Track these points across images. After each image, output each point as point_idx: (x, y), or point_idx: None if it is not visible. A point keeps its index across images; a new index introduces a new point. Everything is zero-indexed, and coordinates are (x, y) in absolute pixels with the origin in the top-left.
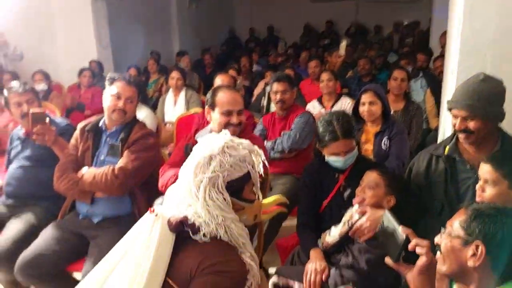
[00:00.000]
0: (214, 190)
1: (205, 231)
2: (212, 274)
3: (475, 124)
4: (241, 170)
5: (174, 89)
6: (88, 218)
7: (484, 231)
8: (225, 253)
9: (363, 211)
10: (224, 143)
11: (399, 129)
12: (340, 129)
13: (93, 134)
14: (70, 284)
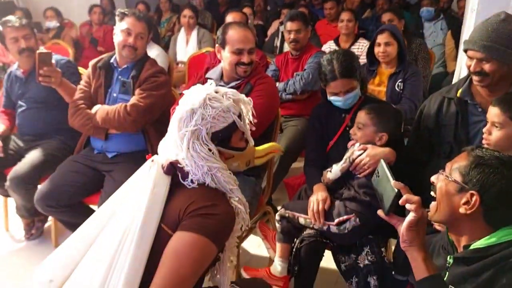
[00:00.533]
0: (198, 143)
1: (192, 178)
2: (198, 217)
3: (490, 66)
4: (225, 121)
5: (186, 28)
6: (102, 153)
7: (482, 181)
8: (212, 198)
9: (363, 148)
10: (205, 96)
11: (414, 71)
12: (339, 68)
13: (105, 71)
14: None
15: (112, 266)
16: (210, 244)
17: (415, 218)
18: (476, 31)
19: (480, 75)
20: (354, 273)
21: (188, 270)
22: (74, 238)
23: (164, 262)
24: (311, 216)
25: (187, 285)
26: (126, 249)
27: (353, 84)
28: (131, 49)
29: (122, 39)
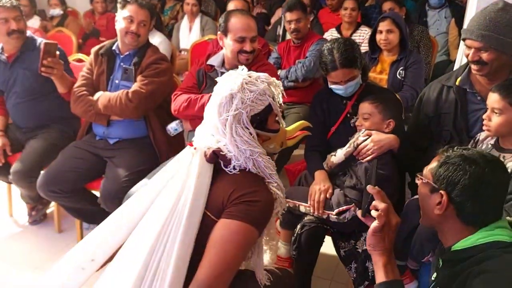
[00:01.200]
0: (239, 126)
1: (235, 164)
2: (241, 204)
3: (488, 55)
4: (262, 103)
5: (189, 15)
6: (104, 139)
7: (447, 179)
8: (254, 184)
9: (368, 134)
10: (242, 80)
11: (415, 58)
12: (339, 58)
13: (107, 58)
14: (89, 200)
15: (155, 250)
16: (253, 230)
17: (379, 225)
18: (474, 20)
19: (479, 64)
20: (353, 259)
21: (233, 256)
22: (115, 219)
23: (211, 249)
24: (312, 206)
25: (232, 270)
26: (173, 235)
27: (354, 73)
28: (134, 36)
29: (124, 26)
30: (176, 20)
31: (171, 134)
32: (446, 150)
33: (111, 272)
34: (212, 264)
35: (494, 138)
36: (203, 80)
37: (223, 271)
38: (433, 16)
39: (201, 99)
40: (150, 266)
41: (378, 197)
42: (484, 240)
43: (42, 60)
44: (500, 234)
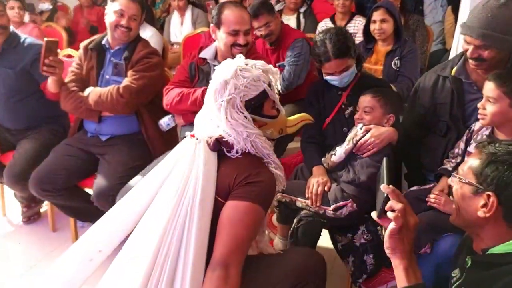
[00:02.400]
0: (234, 111)
1: (237, 148)
2: (247, 185)
3: (489, 53)
4: (256, 89)
5: (178, 9)
6: (96, 136)
7: (497, 180)
8: (255, 165)
9: (367, 129)
10: (236, 67)
11: (411, 48)
12: (332, 49)
13: (97, 52)
14: (82, 198)
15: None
16: (260, 209)
17: (397, 227)
18: (475, 15)
19: (478, 60)
20: (350, 252)
21: (244, 235)
22: (121, 209)
23: (223, 230)
24: (310, 198)
25: (245, 248)
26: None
27: (348, 63)
28: (124, 30)
29: (114, 20)
30: (168, 13)
31: (163, 129)
32: (485, 146)
33: (121, 262)
34: (225, 243)
35: (489, 129)
36: (196, 73)
37: (236, 248)
38: (430, 5)
39: (193, 93)
40: (160, 253)
41: (393, 197)
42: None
43: (44, 59)
44: None
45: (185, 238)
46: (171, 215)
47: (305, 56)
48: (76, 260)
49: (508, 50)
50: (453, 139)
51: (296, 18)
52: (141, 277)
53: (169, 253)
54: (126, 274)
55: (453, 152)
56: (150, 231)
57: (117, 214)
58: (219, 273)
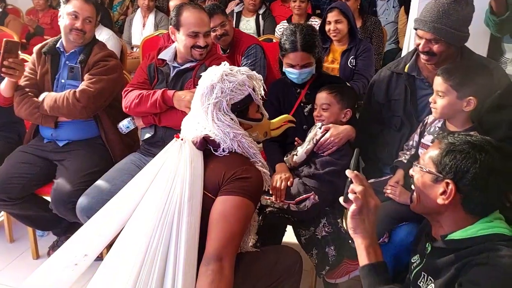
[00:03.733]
0: (220, 113)
1: (223, 147)
2: (236, 181)
3: (439, 47)
4: (242, 93)
5: (143, 10)
6: (53, 142)
7: (455, 168)
8: (243, 162)
9: (326, 128)
10: (222, 72)
11: (365, 47)
12: (301, 40)
13: (51, 56)
14: (40, 207)
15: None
16: (250, 203)
17: (357, 208)
18: (428, 10)
19: (428, 54)
20: (313, 245)
21: (236, 228)
22: (107, 212)
23: (215, 224)
24: (273, 194)
25: (237, 242)
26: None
27: (310, 59)
28: (79, 33)
29: (68, 23)
30: (126, 16)
31: (122, 132)
32: (444, 136)
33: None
34: (218, 237)
35: (441, 121)
36: (155, 75)
37: (229, 242)
38: (382, 6)
39: (153, 95)
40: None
41: (356, 180)
42: (485, 232)
43: (3, 60)
44: (500, 227)
45: (175, 235)
46: (158, 214)
47: (261, 62)
48: (61, 265)
49: (457, 45)
50: (407, 134)
51: (255, 19)
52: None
53: (157, 252)
54: (115, 275)
55: (407, 145)
56: (138, 232)
57: (103, 217)
58: (213, 267)
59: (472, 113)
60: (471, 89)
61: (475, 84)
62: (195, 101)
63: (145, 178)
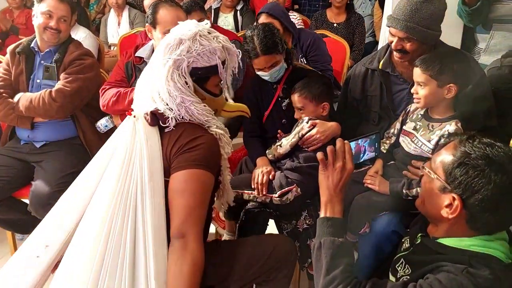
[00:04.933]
0: (176, 72)
1: (171, 117)
2: (183, 153)
3: (411, 45)
4: (208, 61)
5: (115, 8)
6: (30, 143)
7: (465, 185)
8: (191, 132)
9: (313, 124)
10: (197, 30)
11: (308, 39)
12: (260, 45)
13: (25, 56)
14: (18, 210)
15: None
16: (204, 172)
17: (321, 163)
18: (400, 9)
19: (401, 52)
20: (295, 238)
21: (192, 202)
22: (65, 201)
23: (173, 203)
24: (256, 188)
25: (197, 215)
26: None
27: (276, 58)
28: (54, 32)
29: (42, 22)
30: (103, 14)
31: (101, 131)
32: (462, 141)
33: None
34: (176, 215)
35: (424, 109)
36: (132, 73)
37: (187, 217)
38: None
39: (131, 93)
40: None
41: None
42: (478, 249)
43: None
44: (497, 249)
45: (141, 217)
46: (118, 198)
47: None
48: (23, 258)
49: (430, 43)
50: (386, 127)
51: (233, 15)
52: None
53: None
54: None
55: (388, 132)
56: (97, 219)
57: (62, 207)
58: (177, 245)
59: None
60: (450, 76)
61: (453, 71)
62: (157, 51)
63: (101, 161)
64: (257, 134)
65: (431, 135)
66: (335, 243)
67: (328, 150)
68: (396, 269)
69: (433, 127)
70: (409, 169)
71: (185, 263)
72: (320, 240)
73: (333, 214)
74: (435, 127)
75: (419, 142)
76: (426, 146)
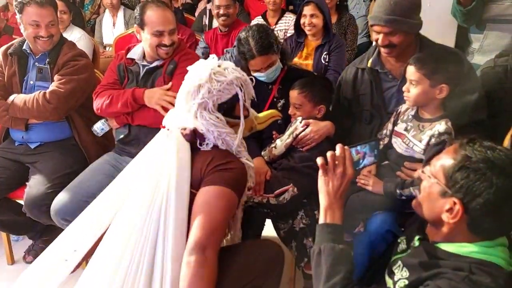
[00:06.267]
0: (205, 112)
1: (208, 141)
2: (218, 172)
3: (397, 38)
4: (229, 93)
5: (110, 9)
6: (25, 144)
7: (466, 189)
8: (226, 156)
9: (307, 123)
10: (211, 71)
11: (338, 42)
12: (255, 46)
13: (18, 57)
14: (13, 211)
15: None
16: (231, 193)
17: (322, 169)
18: (380, 5)
19: (389, 47)
20: (292, 238)
21: (219, 217)
22: (94, 207)
23: (197, 214)
24: (253, 188)
25: (220, 232)
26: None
27: (272, 59)
28: (46, 40)
29: (31, 31)
30: (98, 15)
31: (98, 134)
32: (463, 144)
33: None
34: (201, 227)
35: (414, 109)
36: (125, 74)
37: (211, 232)
38: (353, 0)
39: (123, 95)
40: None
41: (338, 148)
42: (479, 256)
43: None
44: (498, 256)
45: (162, 229)
46: (145, 207)
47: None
48: (51, 261)
49: (414, 32)
50: (378, 126)
51: None
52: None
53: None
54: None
55: (381, 134)
56: (125, 227)
57: (92, 212)
58: (196, 257)
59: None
60: (443, 77)
61: (447, 71)
62: (180, 97)
63: (132, 171)
64: (252, 135)
65: (422, 136)
66: (335, 249)
67: (328, 156)
68: (393, 271)
69: (424, 127)
70: (403, 170)
71: (204, 278)
72: (320, 246)
73: (333, 220)
74: (425, 127)
75: (410, 142)
76: (417, 147)
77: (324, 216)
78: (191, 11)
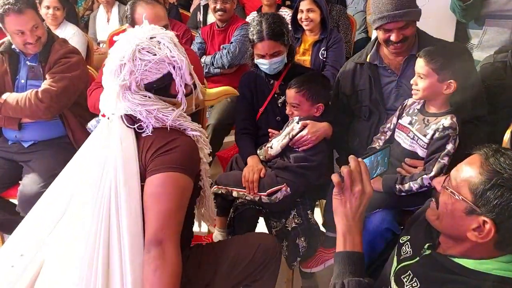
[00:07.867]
0: (128, 93)
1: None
2: (158, 156)
3: (410, 30)
4: (159, 72)
5: (105, 4)
6: (18, 143)
7: (500, 209)
8: (166, 136)
9: (304, 124)
10: (135, 47)
11: (336, 38)
12: (267, 29)
13: (8, 56)
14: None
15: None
16: (179, 175)
17: (336, 187)
18: (384, 4)
19: (402, 42)
20: (284, 237)
21: (170, 207)
22: (39, 209)
23: (147, 209)
24: (246, 186)
25: (175, 220)
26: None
27: (279, 48)
28: (35, 44)
29: (19, 39)
30: (92, 11)
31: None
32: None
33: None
34: (153, 221)
35: (421, 103)
36: None
37: (165, 223)
38: None
39: None
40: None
41: (350, 162)
42: (500, 273)
43: None
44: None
45: (115, 223)
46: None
47: None
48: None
49: (418, 20)
50: (376, 122)
51: None
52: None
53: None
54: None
55: (384, 127)
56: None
57: (36, 214)
58: (154, 253)
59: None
60: (451, 73)
61: (456, 68)
62: (105, 76)
63: (75, 165)
64: (249, 132)
65: (426, 130)
66: (361, 285)
67: (344, 172)
68: (402, 280)
69: (429, 121)
70: (403, 167)
71: (165, 273)
72: (343, 281)
73: (353, 247)
74: (430, 121)
75: (415, 136)
76: (421, 141)
77: (343, 243)
78: (186, 7)
